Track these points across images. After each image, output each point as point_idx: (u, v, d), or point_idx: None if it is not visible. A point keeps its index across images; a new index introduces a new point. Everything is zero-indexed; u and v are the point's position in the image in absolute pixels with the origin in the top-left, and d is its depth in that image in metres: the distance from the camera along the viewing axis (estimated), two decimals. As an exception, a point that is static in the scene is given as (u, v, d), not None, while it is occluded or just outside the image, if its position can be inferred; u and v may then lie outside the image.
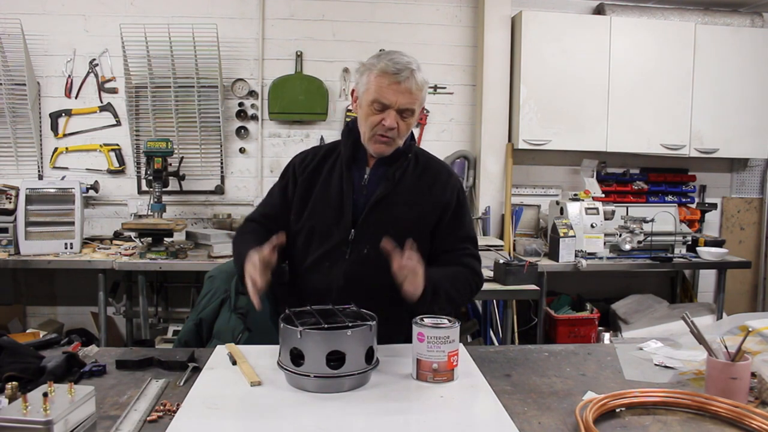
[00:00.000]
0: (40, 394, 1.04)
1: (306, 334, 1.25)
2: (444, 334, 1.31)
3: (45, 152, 3.87)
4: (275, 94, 3.89)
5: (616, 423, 1.17)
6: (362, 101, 1.58)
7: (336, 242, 1.61)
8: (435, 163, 1.74)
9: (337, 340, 1.26)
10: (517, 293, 3.09)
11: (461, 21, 4.10)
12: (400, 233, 1.56)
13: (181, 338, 2.06)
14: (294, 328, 1.27)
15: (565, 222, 3.60)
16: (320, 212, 1.65)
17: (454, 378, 1.33)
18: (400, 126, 1.56)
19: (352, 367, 1.27)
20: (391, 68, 1.51)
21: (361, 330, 1.29)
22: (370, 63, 1.57)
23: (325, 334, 1.26)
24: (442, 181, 1.68)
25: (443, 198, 1.66)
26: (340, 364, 1.26)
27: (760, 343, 1.53)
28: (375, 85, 1.53)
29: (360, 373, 1.28)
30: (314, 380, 1.25)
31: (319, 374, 1.25)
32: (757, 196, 4.53)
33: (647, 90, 3.95)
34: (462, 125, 4.17)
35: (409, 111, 1.56)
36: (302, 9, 3.97)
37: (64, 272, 3.82)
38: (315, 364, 1.25)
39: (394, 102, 1.53)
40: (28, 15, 3.71)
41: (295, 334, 1.26)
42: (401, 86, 1.51)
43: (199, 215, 4.02)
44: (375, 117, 1.55)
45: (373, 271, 1.55)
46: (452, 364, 1.32)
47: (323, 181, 1.67)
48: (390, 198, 1.62)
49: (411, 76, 1.52)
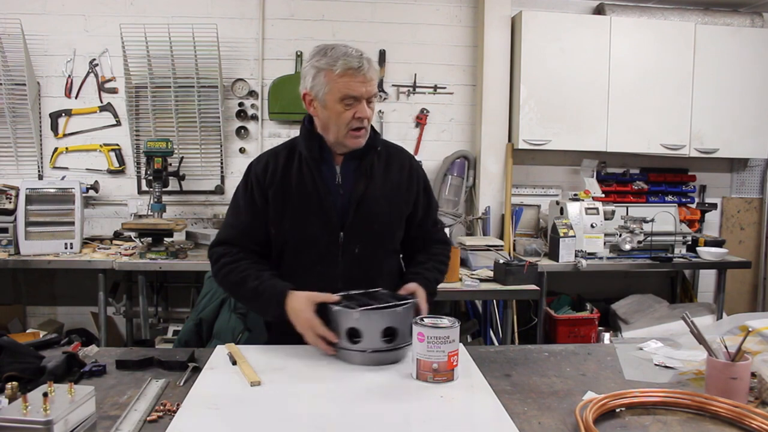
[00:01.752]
0: (40, 394, 1.04)
1: (364, 314, 1.40)
2: (444, 334, 1.31)
3: (45, 152, 3.87)
4: (275, 94, 3.89)
5: (616, 423, 1.17)
6: (327, 101, 1.56)
7: (326, 247, 1.61)
8: (395, 150, 1.77)
9: (391, 318, 1.41)
10: (517, 293, 3.09)
11: (461, 21, 4.10)
12: (383, 227, 1.66)
13: (181, 338, 2.06)
14: (350, 309, 1.41)
15: (565, 222, 3.60)
16: (303, 220, 1.62)
17: (454, 378, 1.33)
18: (369, 114, 1.60)
19: (404, 340, 1.43)
20: (354, 63, 1.53)
21: (409, 307, 1.46)
22: (324, 63, 1.54)
23: (381, 313, 1.41)
24: (407, 169, 1.73)
25: (413, 187, 1.72)
26: (392, 339, 1.42)
27: (760, 343, 1.53)
28: (341, 83, 1.53)
29: (409, 345, 1.41)
30: (371, 355, 1.41)
31: (377, 349, 1.40)
32: (757, 196, 4.53)
33: (647, 90, 3.94)
34: (462, 125, 4.17)
35: (373, 97, 1.60)
36: (302, 9, 3.97)
37: (64, 272, 3.83)
38: (372, 341, 1.40)
39: (364, 93, 1.56)
40: (28, 15, 3.71)
41: (351, 315, 1.40)
42: (366, 77, 1.55)
43: (199, 215, 4.02)
44: (348, 113, 1.56)
45: (368, 268, 1.62)
46: (452, 364, 1.32)
47: (296, 187, 1.62)
48: (367, 194, 1.63)
49: (369, 65, 1.57)
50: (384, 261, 1.70)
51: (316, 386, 1.31)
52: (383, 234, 1.68)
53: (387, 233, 1.69)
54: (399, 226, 1.72)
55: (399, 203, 1.70)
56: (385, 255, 1.70)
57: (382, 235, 1.67)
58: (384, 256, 1.70)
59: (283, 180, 1.63)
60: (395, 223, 1.70)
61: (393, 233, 1.71)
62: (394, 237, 1.72)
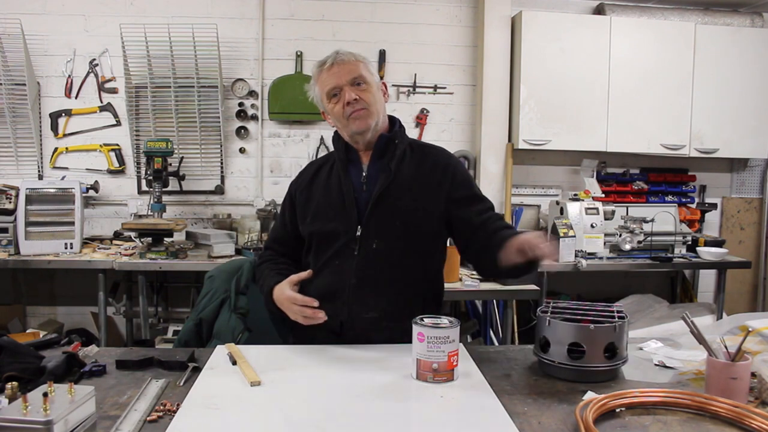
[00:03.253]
0: (40, 394, 1.04)
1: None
2: (444, 334, 1.31)
3: (45, 152, 3.87)
4: (275, 94, 3.89)
5: (616, 423, 1.16)
6: (324, 105, 1.67)
7: (344, 241, 1.62)
8: (431, 148, 1.75)
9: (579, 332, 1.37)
10: (517, 293, 3.09)
11: (461, 21, 4.10)
12: (407, 224, 1.62)
13: (181, 338, 2.06)
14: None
15: (565, 222, 3.60)
16: (323, 214, 1.66)
17: (455, 378, 1.33)
18: (362, 95, 1.61)
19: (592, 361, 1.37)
20: (321, 62, 1.64)
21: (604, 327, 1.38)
22: (313, 74, 1.69)
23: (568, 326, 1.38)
24: (442, 165, 1.68)
25: (445, 184, 1.65)
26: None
27: (760, 343, 1.53)
28: (321, 82, 1.65)
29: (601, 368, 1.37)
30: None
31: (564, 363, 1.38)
32: (757, 196, 4.52)
33: (647, 90, 3.94)
34: (462, 125, 4.17)
35: (359, 80, 1.61)
36: (302, 9, 3.97)
37: (64, 272, 3.82)
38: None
39: (339, 81, 1.60)
40: (28, 15, 3.71)
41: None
42: (335, 67, 1.61)
43: (199, 215, 4.02)
44: (338, 106, 1.61)
45: (384, 266, 1.59)
46: (452, 364, 1.32)
47: (323, 187, 1.70)
48: (392, 189, 1.62)
49: (336, 55, 1.62)
50: (407, 261, 1.62)
51: (316, 386, 1.31)
52: (406, 229, 1.61)
53: (411, 229, 1.62)
54: (428, 225, 1.64)
55: (427, 200, 1.63)
56: (408, 254, 1.62)
57: (404, 231, 1.61)
58: (407, 255, 1.62)
59: (312, 181, 1.73)
60: (422, 219, 1.63)
61: (419, 230, 1.63)
62: (420, 235, 1.64)
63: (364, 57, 1.66)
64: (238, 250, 3.45)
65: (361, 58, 1.65)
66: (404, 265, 1.62)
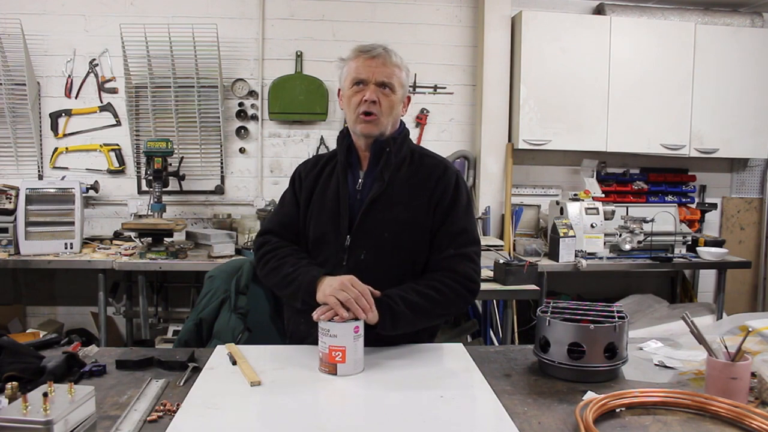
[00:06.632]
0: (40, 394, 1.04)
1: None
2: (327, 327, 1.35)
3: (45, 152, 3.87)
4: (275, 94, 3.89)
5: (616, 423, 1.16)
6: (344, 89, 1.63)
7: (333, 249, 1.60)
8: (430, 159, 1.68)
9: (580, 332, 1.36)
10: (517, 293, 3.09)
11: (461, 21, 4.10)
12: (397, 235, 1.57)
13: (181, 338, 2.06)
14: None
15: (565, 222, 3.60)
16: (318, 219, 1.64)
17: (337, 373, 1.33)
18: (382, 101, 1.57)
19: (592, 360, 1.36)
20: (364, 47, 1.59)
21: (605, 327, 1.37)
22: (347, 55, 1.63)
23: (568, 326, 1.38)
24: (436, 177, 1.62)
25: (436, 193, 1.60)
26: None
27: (760, 343, 1.53)
28: (352, 66, 1.60)
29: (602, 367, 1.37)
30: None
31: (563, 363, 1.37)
32: (757, 196, 4.52)
33: (647, 90, 3.94)
34: (462, 125, 4.17)
35: (388, 85, 1.58)
36: (302, 9, 3.97)
37: (64, 272, 3.83)
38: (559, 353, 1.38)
39: (371, 76, 1.57)
40: (28, 15, 3.71)
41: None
42: (375, 60, 1.57)
43: (199, 215, 4.02)
44: (357, 96, 1.58)
45: (371, 277, 1.48)
46: (333, 358, 1.33)
47: (321, 187, 1.67)
48: (383, 200, 1.58)
49: (384, 52, 1.58)
50: (395, 274, 1.56)
51: (316, 386, 1.31)
52: (395, 242, 1.56)
53: (400, 242, 1.57)
54: (418, 238, 1.58)
55: (417, 212, 1.58)
56: (397, 268, 1.57)
57: (393, 243, 1.56)
58: (395, 268, 1.57)
59: (315, 181, 1.69)
60: (412, 233, 1.58)
61: (408, 244, 1.58)
62: (410, 249, 1.58)
63: (407, 66, 1.63)
64: (238, 250, 3.45)
65: (403, 66, 1.62)
66: (392, 277, 1.55)
